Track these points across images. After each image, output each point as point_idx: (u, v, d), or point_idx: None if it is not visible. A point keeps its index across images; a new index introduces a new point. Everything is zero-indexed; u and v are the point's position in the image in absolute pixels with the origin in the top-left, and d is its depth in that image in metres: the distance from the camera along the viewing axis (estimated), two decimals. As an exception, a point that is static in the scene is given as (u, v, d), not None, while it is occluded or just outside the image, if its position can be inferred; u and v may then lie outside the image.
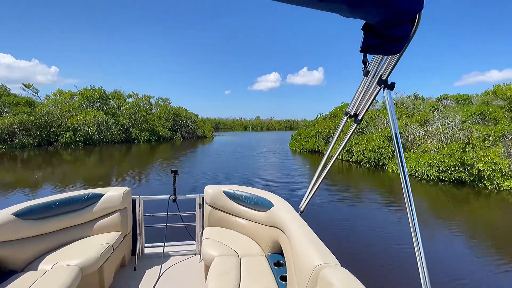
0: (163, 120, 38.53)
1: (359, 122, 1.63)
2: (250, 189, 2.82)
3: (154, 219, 3.06)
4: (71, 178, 12.64)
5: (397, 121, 2.58)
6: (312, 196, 2.14)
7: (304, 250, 1.64)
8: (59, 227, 2.43)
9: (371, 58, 1.33)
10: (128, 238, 2.79)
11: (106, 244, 2.34)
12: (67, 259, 2.10)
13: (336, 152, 1.91)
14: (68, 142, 25.98)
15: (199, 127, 44.67)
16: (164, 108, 40.03)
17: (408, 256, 5.00)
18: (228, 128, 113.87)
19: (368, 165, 15.71)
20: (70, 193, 2.61)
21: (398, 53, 1.03)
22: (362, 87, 1.49)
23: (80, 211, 2.57)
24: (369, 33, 0.95)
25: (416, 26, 0.94)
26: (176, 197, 2.95)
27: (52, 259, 2.13)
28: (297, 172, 14.61)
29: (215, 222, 2.85)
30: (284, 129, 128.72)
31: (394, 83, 1.20)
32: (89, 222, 2.62)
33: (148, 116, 35.13)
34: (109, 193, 2.70)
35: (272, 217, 2.37)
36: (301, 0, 0.76)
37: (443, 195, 10.22)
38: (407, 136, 15.92)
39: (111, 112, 32.83)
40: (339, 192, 10.58)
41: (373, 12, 0.83)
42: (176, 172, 2.97)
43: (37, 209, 2.32)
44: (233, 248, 2.39)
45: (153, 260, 2.81)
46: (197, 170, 14.98)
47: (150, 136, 34.35)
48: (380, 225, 6.84)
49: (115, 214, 2.67)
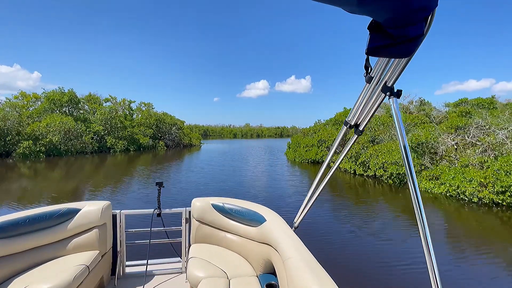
0: (144, 127, 34.75)
1: (360, 133, 1.51)
2: (240, 202, 2.64)
3: (136, 235, 2.81)
4: (15, 198, 9.03)
5: (418, 129, 7.29)
6: (307, 211, 2.06)
7: (299, 272, 1.54)
8: (29, 246, 2.21)
9: (374, 63, 1.19)
10: (107, 257, 2.58)
11: (81, 265, 2.14)
12: (38, 282, 1.91)
13: (334, 165, 1.77)
14: (26, 153, 21.89)
15: (185, 135, 41.05)
16: (146, 113, 36.26)
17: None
18: (217, 135, 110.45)
19: (390, 181, 12.80)
20: (43, 208, 2.38)
21: (410, 56, 0.93)
22: (364, 95, 1.34)
23: (53, 228, 2.35)
24: (376, 33, 0.84)
25: (429, 26, 0.82)
26: (161, 211, 2.73)
27: (21, 283, 1.96)
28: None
29: (203, 238, 2.68)
30: (274, 136, 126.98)
31: (401, 90, 1.11)
32: (63, 240, 2.39)
33: (126, 122, 31.33)
34: (86, 208, 2.49)
35: (264, 233, 2.24)
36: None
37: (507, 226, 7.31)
38: (434, 147, 13.17)
39: (83, 118, 28.86)
40: (362, 222, 7.46)
41: (385, 8, 0.72)
42: (161, 184, 2.76)
43: (5, 226, 2.11)
44: (222, 268, 2.25)
45: (134, 280, 2.61)
46: (169, 198, 11.57)
47: (128, 145, 30.49)
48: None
49: (92, 231, 2.45)
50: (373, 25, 0.83)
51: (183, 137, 39.64)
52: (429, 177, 11.83)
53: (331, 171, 1.81)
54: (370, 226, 7.39)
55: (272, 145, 48.52)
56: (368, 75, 1.22)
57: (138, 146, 31.94)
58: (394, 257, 5.49)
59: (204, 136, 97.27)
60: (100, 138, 29.25)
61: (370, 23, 0.84)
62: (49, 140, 23.41)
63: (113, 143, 29.23)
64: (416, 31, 0.78)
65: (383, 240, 6.44)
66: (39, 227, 2.29)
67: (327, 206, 9.34)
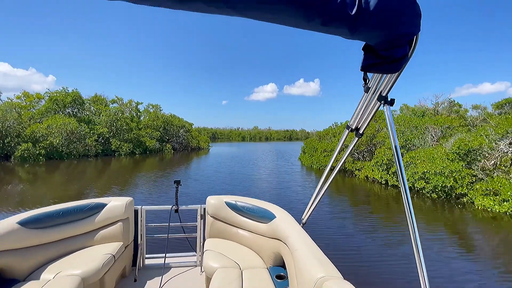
0: (151, 129, 33.40)
1: (360, 136, 1.66)
2: (252, 200, 2.79)
3: (155, 229, 3.03)
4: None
5: (457, 131, 7.79)
6: (314, 208, 2.16)
7: (307, 262, 1.64)
8: (62, 236, 2.41)
9: (371, 75, 1.35)
10: (130, 248, 2.77)
11: (107, 255, 2.32)
12: (69, 269, 2.10)
13: (337, 165, 1.93)
14: (25, 156, 20.64)
15: (194, 137, 39.58)
16: (153, 115, 34.95)
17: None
18: (225, 138, 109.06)
19: (434, 195, 10.70)
20: (74, 203, 2.58)
21: (397, 72, 1.08)
22: (363, 103, 1.50)
23: (83, 221, 2.55)
24: (369, 53, 0.97)
25: (414, 47, 0.97)
26: (178, 208, 2.90)
27: (54, 269, 2.12)
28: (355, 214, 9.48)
29: (217, 233, 2.83)
30: (283, 139, 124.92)
31: (394, 99, 1.23)
32: (91, 232, 2.59)
33: (132, 124, 30.02)
34: (112, 203, 2.68)
35: (274, 229, 2.36)
36: (304, 24, 0.79)
37: None
38: (487, 154, 11.01)
39: (87, 120, 27.66)
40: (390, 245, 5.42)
41: (373, 35, 0.87)
42: (179, 182, 2.92)
43: (42, 218, 2.31)
44: (235, 260, 2.37)
45: (153, 271, 2.78)
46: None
47: (134, 148, 29.12)
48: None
49: (117, 224, 2.64)
50: (366, 47, 0.97)
51: (191, 140, 38.16)
52: (485, 192, 9.69)
53: (336, 170, 1.93)
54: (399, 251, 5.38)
55: (283, 149, 46.56)
56: (366, 86, 1.36)
57: (144, 149, 30.56)
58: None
59: (213, 139, 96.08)
60: (104, 140, 27.98)
61: (364, 45, 0.98)
62: (50, 143, 22.13)
63: (118, 146, 27.90)
64: (402, 52, 0.93)
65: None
66: (71, 219, 2.48)
67: (350, 224, 7.35)
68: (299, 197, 11.18)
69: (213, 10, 0.74)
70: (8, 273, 2.01)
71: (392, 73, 1.11)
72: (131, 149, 28.56)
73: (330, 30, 0.82)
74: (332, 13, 0.77)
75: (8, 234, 2.02)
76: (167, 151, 33.09)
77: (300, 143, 25.75)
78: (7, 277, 2.00)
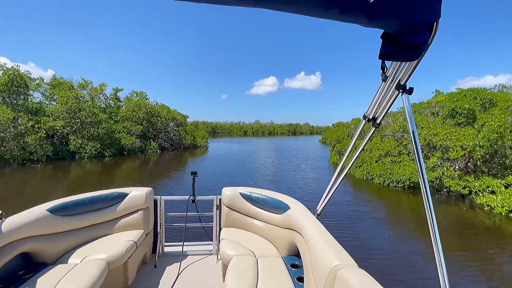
0: (130, 122, 25.49)
1: (378, 125, 1.66)
2: (266, 192, 2.81)
3: (174, 218, 3.13)
4: None
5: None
6: (329, 199, 2.20)
7: (322, 251, 1.64)
8: (88, 223, 2.51)
9: (389, 63, 1.33)
10: (150, 236, 2.86)
11: (130, 241, 2.40)
12: (95, 253, 2.18)
13: (353, 156, 1.93)
14: None
15: (188, 133, 31.70)
16: (133, 104, 26.95)
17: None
18: (226, 133, 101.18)
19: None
20: (98, 192, 2.66)
21: (416, 60, 1.05)
22: (380, 92, 1.49)
23: (107, 209, 2.64)
24: (387, 40, 0.96)
25: (434, 34, 0.95)
26: (195, 198, 2.99)
27: (81, 253, 2.21)
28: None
29: (232, 223, 2.88)
30: (287, 133, 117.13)
31: (413, 88, 1.20)
32: (114, 220, 2.68)
33: (101, 115, 22.10)
34: (133, 193, 2.75)
35: (289, 220, 2.37)
36: (322, 13, 0.78)
37: None
38: None
39: (33, 109, 19.73)
40: None
41: (392, 22, 0.85)
42: (196, 173, 3.04)
43: (69, 206, 2.40)
44: (250, 249, 2.40)
45: (172, 258, 2.86)
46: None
47: (103, 148, 21.29)
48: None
49: (138, 213, 2.73)
50: (385, 35, 0.95)
51: (184, 136, 30.31)
52: None
53: (351, 162, 1.95)
54: None
55: (295, 146, 38.67)
56: (384, 75, 1.35)
57: (119, 149, 22.72)
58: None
59: (212, 134, 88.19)
60: (60, 138, 20.17)
61: (382, 33, 0.95)
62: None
63: (80, 145, 20.07)
64: (421, 39, 0.89)
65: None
66: (95, 207, 2.57)
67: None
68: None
69: (229, 1, 0.73)
70: (39, 257, 2.11)
71: (411, 60, 1.09)
72: (98, 149, 20.71)
73: (349, 18, 0.80)
74: (350, 1, 0.76)
75: (38, 221, 2.10)
76: (151, 151, 25.24)
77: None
78: (38, 261, 2.10)
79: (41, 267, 1.98)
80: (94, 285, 1.81)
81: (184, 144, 30.01)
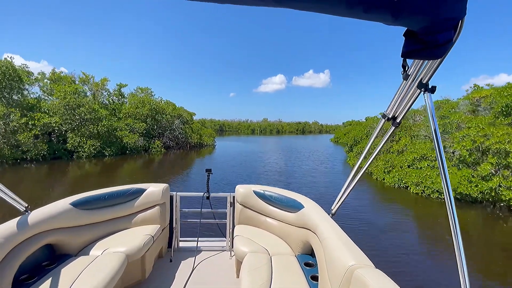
0: (133, 119, 24.03)
1: (398, 125, 1.60)
2: (279, 190, 2.80)
3: (189, 214, 3.15)
4: None
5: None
6: (345, 199, 2.10)
7: (337, 251, 1.61)
8: (108, 217, 2.56)
9: (411, 61, 1.28)
10: (166, 231, 2.90)
11: (148, 235, 2.44)
12: (115, 246, 2.23)
13: (371, 155, 1.85)
14: None
15: (194, 131, 30.11)
16: (137, 100, 25.47)
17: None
18: (234, 131, 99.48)
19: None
20: (117, 188, 2.70)
21: (440, 58, 1.03)
22: (401, 90, 1.44)
23: (126, 204, 2.69)
24: (410, 38, 0.93)
25: (459, 32, 0.91)
26: (209, 195, 3.00)
27: (102, 246, 2.27)
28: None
29: (245, 220, 2.89)
30: (296, 132, 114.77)
31: (435, 86, 1.17)
32: (132, 214, 2.72)
33: (102, 112, 20.65)
34: (150, 189, 2.79)
35: (302, 218, 2.35)
36: (345, 12, 0.76)
37: None
38: None
39: (28, 105, 18.38)
40: None
41: (416, 20, 0.82)
42: (210, 170, 3.06)
43: (91, 200, 2.45)
44: (264, 246, 2.40)
45: (187, 253, 2.90)
46: None
47: (103, 147, 19.84)
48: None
49: (155, 208, 2.76)
50: (408, 33, 0.91)
51: (190, 134, 28.72)
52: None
53: (369, 161, 1.87)
54: None
55: (307, 146, 36.69)
56: (405, 73, 1.29)
57: (121, 147, 21.26)
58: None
59: (220, 132, 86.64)
60: (57, 136, 18.80)
61: (406, 31, 0.91)
62: None
63: (78, 143, 18.66)
64: (446, 37, 0.86)
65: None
66: (114, 202, 2.63)
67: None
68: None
69: (249, 1, 0.71)
70: (62, 248, 2.18)
71: (435, 59, 1.06)
72: (98, 148, 19.27)
73: (372, 17, 0.78)
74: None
75: (62, 214, 2.17)
76: (155, 149, 23.73)
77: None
78: (61, 252, 2.17)
79: (64, 258, 2.06)
80: (114, 277, 1.87)
81: (190, 143, 28.45)
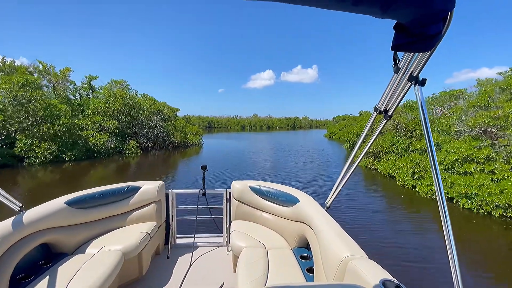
0: (102, 117, 20.44)
1: (389, 118, 1.62)
2: (275, 185, 2.84)
3: (185, 211, 3.19)
4: None
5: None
6: (339, 192, 2.14)
7: (332, 243, 1.65)
8: (104, 215, 2.59)
9: (402, 55, 1.30)
10: (162, 228, 2.94)
11: (144, 233, 2.48)
12: (111, 244, 2.26)
13: (364, 148, 1.89)
14: None
15: (177, 129, 26.69)
16: (107, 94, 21.79)
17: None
18: (223, 127, 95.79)
19: None
20: (112, 186, 2.74)
21: (430, 51, 1.04)
22: (392, 84, 1.47)
23: (121, 202, 2.72)
24: (400, 32, 0.93)
25: (448, 24, 0.93)
26: (205, 191, 3.03)
27: (98, 244, 2.30)
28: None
29: (242, 216, 2.93)
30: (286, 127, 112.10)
31: (426, 79, 1.19)
32: (128, 212, 2.76)
33: (61, 107, 17.00)
34: (145, 186, 2.82)
35: (298, 212, 2.40)
36: (334, 5, 0.76)
37: None
38: None
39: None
40: None
41: (406, 13, 0.83)
42: (206, 167, 3.06)
43: (85, 198, 2.47)
44: (260, 241, 2.45)
45: (184, 249, 2.95)
46: None
47: (62, 150, 16.28)
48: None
49: (151, 206, 2.80)
50: (398, 26, 0.91)
51: (173, 133, 25.32)
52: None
53: (361, 155, 1.90)
54: None
55: (301, 142, 33.90)
56: (396, 66, 1.31)
57: (86, 150, 17.73)
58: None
59: (209, 129, 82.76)
60: (3, 138, 15.13)
61: (395, 24, 0.91)
62: None
63: (28, 147, 15.08)
64: (435, 29, 0.86)
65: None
66: (110, 200, 2.65)
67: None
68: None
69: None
70: (58, 247, 2.19)
71: (425, 51, 1.07)
72: (55, 152, 15.72)
73: (361, 9, 0.78)
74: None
75: (57, 213, 2.17)
76: (129, 151, 20.27)
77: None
78: (57, 251, 2.18)
79: (60, 257, 2.07)
80: (111, 274, 1.88)
81: (173, 142, 25.07)
